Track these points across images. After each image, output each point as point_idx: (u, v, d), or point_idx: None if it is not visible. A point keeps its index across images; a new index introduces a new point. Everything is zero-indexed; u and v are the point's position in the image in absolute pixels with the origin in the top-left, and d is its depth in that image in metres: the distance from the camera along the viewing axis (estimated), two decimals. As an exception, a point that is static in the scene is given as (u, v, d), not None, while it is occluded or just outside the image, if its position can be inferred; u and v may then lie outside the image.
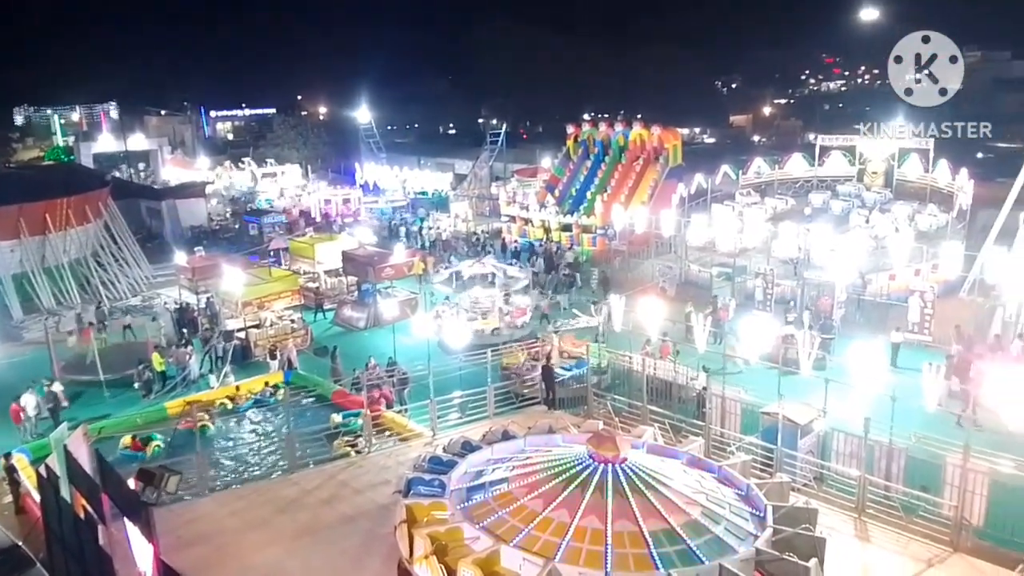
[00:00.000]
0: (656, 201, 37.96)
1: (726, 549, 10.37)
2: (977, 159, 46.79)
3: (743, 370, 20.97)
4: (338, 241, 35.47)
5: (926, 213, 33.80)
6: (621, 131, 42.45)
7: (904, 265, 28.33)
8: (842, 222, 33.89)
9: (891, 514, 13.48)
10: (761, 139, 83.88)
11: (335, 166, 70.99)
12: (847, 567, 11.92)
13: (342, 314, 30.80)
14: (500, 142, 56.58)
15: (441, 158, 69.63)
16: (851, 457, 14.81)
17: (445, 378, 18.84)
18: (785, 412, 15.48)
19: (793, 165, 41.39)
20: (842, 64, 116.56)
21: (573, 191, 42.24)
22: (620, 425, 17.12)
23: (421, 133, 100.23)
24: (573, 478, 11.49)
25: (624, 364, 21.04)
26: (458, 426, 17.55)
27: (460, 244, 41.19)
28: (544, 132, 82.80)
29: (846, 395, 16.42)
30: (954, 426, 16.28)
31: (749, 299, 28.71)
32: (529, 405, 19.53)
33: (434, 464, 12.79)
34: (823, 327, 24.30)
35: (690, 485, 11.78)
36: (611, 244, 37.05)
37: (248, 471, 18.29)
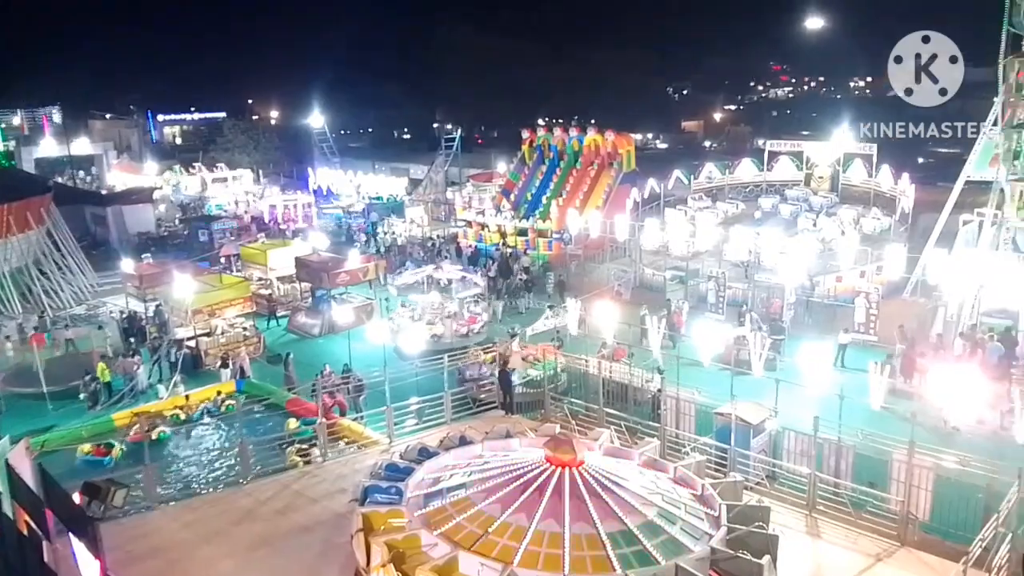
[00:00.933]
0: (610, 206, 38.33)
1: (682, 549, 10.50)
2: (918, 164, 48.47)
3: (697, 372, 21.28)
4: (291, 247, 34.98)
5: (870, 216, 34.78)
6: (576, 136, 42.76)
7: (850, 267, 29.10)
8: (791, 226, 34.67)
9: (840, 510, 13.83)
10: (712, 145, 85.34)
11: (288, 171, 70.03)
12: (799, 563, 12.18)
13: (296, 321, 30.37)
14: (455, 147, 56.54)
15: (396, 163, 69.22)
16: (802, 455, 15.16)
17: (401, 384, 18.74)
18: (738, 412, 15.78)
19: (743, 170, 42.23)
20: (789, 72, 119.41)
21: (529, 196, 42.40)
22: (577, 428, 17.24)
23: (375, 138, 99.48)
24: (531, 482, 11.52)
25: (581, 367, 21.18)
26: (415, 432, 17.47)
27: (416, 249, 40.99)
28: (499, 137, 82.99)
29: (796, 395, 16.82)
30: (899, 422, 16.78)
31: (702, 302, 29.16)
32: (487, 410, 19.53)
33: (391, 471, 12.70)
34: (773, 328, 24.81)
35: (646, 486, 11.91)
36: (567, 248, 37.28)
37: (200, 482, 17.91)
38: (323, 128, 66.81)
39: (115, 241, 45.76)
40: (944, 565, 11.68)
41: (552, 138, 43.85)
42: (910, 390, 20.77)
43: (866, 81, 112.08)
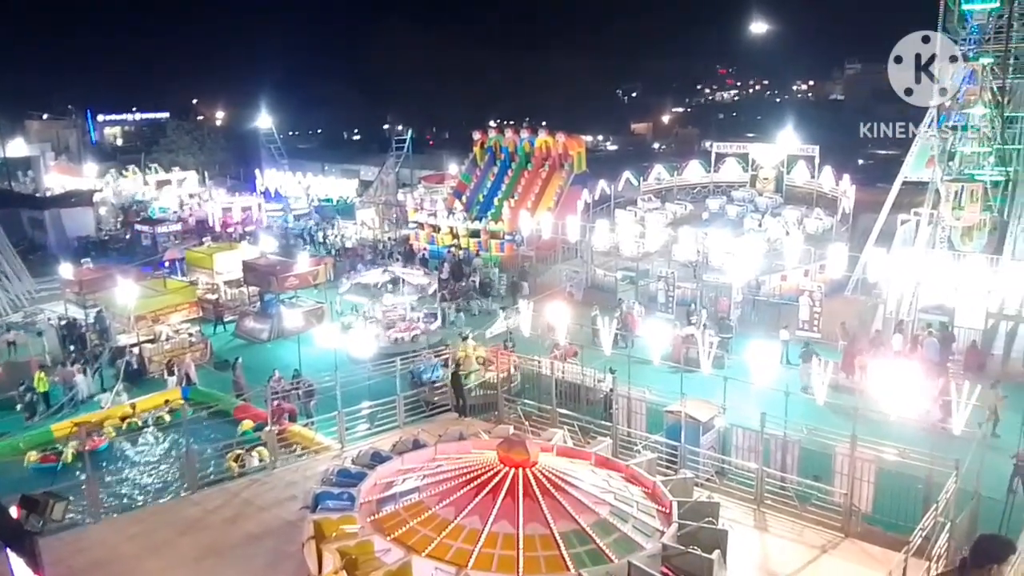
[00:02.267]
0: (562, 207, 38.55)
1: (634, 546, 10.62)
2: (859, 165, 49.96)
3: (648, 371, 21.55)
4: (238, 250, 34.32)
5: (813, 217, 35.66)
6: (527, 138, 42.90)
7: (794, 266, 29.80)
8: (737, 226, 35.34)
9: (787, 504, 14.15)
10: (661, 146, 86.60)
11: (234, 173, 68.69)
12: (748, 557, 12.42)
13: (244, 326, 29.80)
14: (406, 148, 56.13)
15: (346, 164, 68.42)
16: (749, 451, 15.48)
17: (353, 388, 18.52)
18: (687, 410, 16.05)
19: (691, 171, 42.88)
20: (734, 75, 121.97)
21: (481, 197, 42.39)
22: (530, 429, 17.28)
23: (325, 139, 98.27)
24: (484, 484, 11.52)
25: (533, 368, 21.25)
26: (367, 437, 17.29)
27: (367, 252, 40.62)
28: (451, 138, 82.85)
29: (744, 391, 17.18)
30: (842, 417, 17.25)
31: (652, 301, 29.54)
32: (440, 413, 19.44)
33: (342, 477, 12.56)
34: (721, 327, 25.28)
35: (599, 485, 12.01)
36: (519, 250, 37.37)
37: (145, 493, 17.45)
38: (271, 129, 65.68)
39: (53, 246, 44.29)
40: (886, 555, 12.03)
41: (503, 139, 43.90)
42: (852, 385, 21.39)
43: (808, 84, 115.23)
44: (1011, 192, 26.59)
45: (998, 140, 26.42)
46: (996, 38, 25.96)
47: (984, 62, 25.56)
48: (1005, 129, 26.41)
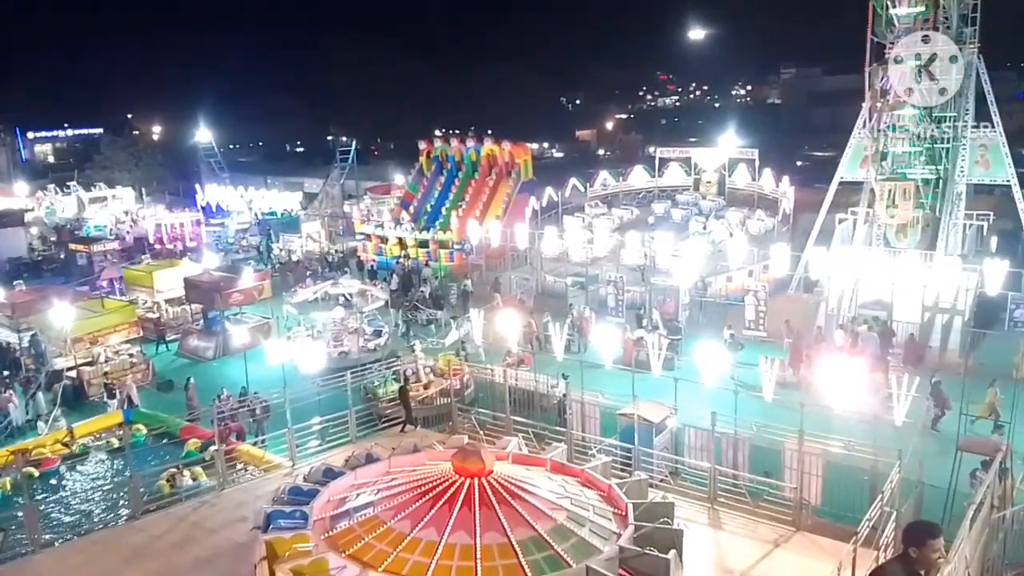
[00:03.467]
0: (510, 215, 38.65)
1: (592, 550, 10.63)
2: (797, 167, 51.37)
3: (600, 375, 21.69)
4: (179, 267, 33.45)
5: (755, 218, 36.49)
6: (473, 147, 42.93)
7: (739, 267, 30.41)
8: (682, 229, 35.93)
9: (740, 500, 14.37)
10: (606, 152, 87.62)
11: (173, 188, 66.96)
12: (703, 555, 12.57)
13: (188, 344, 29.04)
14: (351, 159, 55.64)
15: (289, 177, 67.44)
16: (702, 450, 15.70)
17: (303, 404, 18.19)
18: (640, 412, 16.17)
19: (636, 177, 43.50)
20: (675, 81, 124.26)
21: (428, 207, 42.21)
22: (485, 438, 17.21)
23: (267, 152, 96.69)
24: (440, 495, 11.39)
25: (487, 377, 21.19)
26: (319, 453, 16.98)
27: (314, 265, 40.03)
28: (396, 149, 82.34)
29: (695, 391, 17.42)
30: (790, 413, 17.62)
31: (602, 306, 29.78)
32: (393, 425, 19.22)
33: (294, 495, 12.28)
34: (670, 329, 25.61)
35: (555, 491, 11.99)
36: (468, 259, 37.30)
37: (88, 521, 16.80)
38: (210, 143, 64.38)
39: (-17, 268, 42.46)
40: (836, 546, 12.29)
41: (449, 149, 43.85)
42: (798, 381, 21.89)
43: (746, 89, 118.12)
44: (942, 189, 27.64)
45: (927, 140, 27.44)
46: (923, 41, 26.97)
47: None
48: (934, 129, 27.44)
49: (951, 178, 27.55)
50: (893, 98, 26.91)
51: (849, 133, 30.66)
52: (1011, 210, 28.88)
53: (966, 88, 27.35)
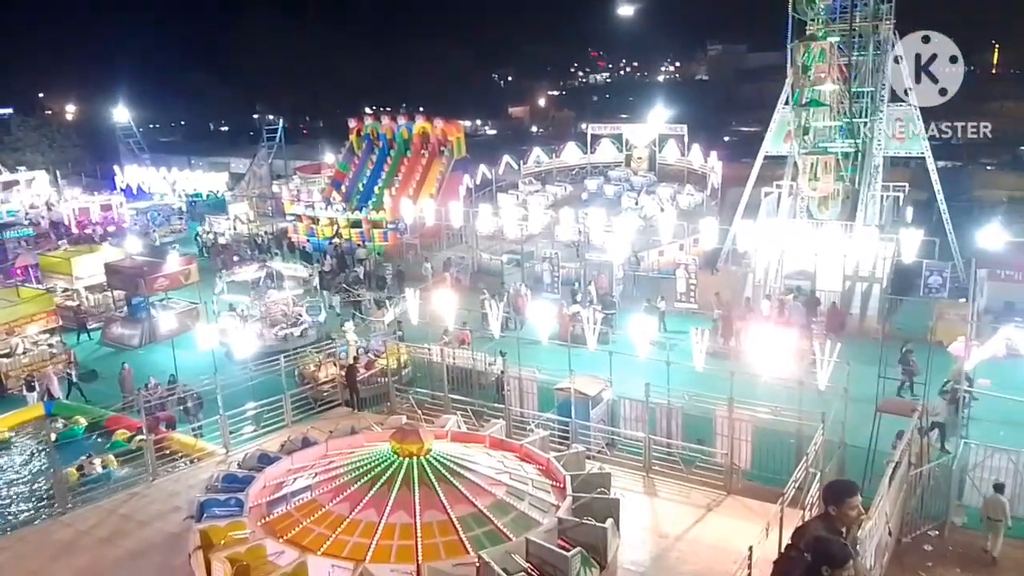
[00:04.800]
0: (444, 193, 38.39)
1: (531, 523, 10.78)
2: (724, 142, 52.45)
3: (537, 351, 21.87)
4: (100, 253, 32.11)
5: (685, 193, 37.21)
6: (404, 124, 42.35)
7: (670, 241, 31.00)
8: (615, 205, 36.38)
9: (674, 468, 14.78)
10: (539, 129, 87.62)
11: (90, 170, 64.09)
12: (639, 522, 12.89)
13: (111, 332, 28.01)
14: (278, 138, 54.19)
15: (214, 157, 65.35)
16: (637, 421, 16.05)
17: (236, 390, 17.84)
18: (576, 386, 16.42)
19: (568, 153, 43.73)
20: (606, 58, 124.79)
21: (360, 186, 41.54)
22: (423, 417, 17.21)
23: (189, 131, 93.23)
24: (379, 476, 11.36)
25: (424, 356, 21.13)
26: (254, 439, 16.68)
27: (242, 247, 39.02)
28: (325, 127, 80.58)
29: (629, 364, 17.75)
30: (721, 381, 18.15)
31: (538, 283, 29.98)
32: (330, 408, 19.03)
33: (229, 482, 12.05)
34: (604, 303, 25.97)
35: (494, 467, 12.10)
36: (403, 238, 36.97)
37: (9, 519, 16.13)
38: (129, 122, 61.70)
39: None
40: (765, 508, 12.77)
41: (380, 127, 43.15)
42: (728, 350, 22.53)
43: (675, 66, 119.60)
44: (860, 162, 28.65)
45: (847, 114, 28.36)
46: (842, 18, 27.80)
47: (831, 40, 27.30)
48: (852, 103, 28.36)
49: (869, 151, 28.56)
50: (815, 74, 27.64)
51: (774, 108, 31.44)
52: (925, 181, 30.21)
53: (882, 63, 28.35)
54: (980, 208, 35.79)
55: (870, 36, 27.92)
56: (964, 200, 35.15)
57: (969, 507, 13.92)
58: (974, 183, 41.40)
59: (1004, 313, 23.09)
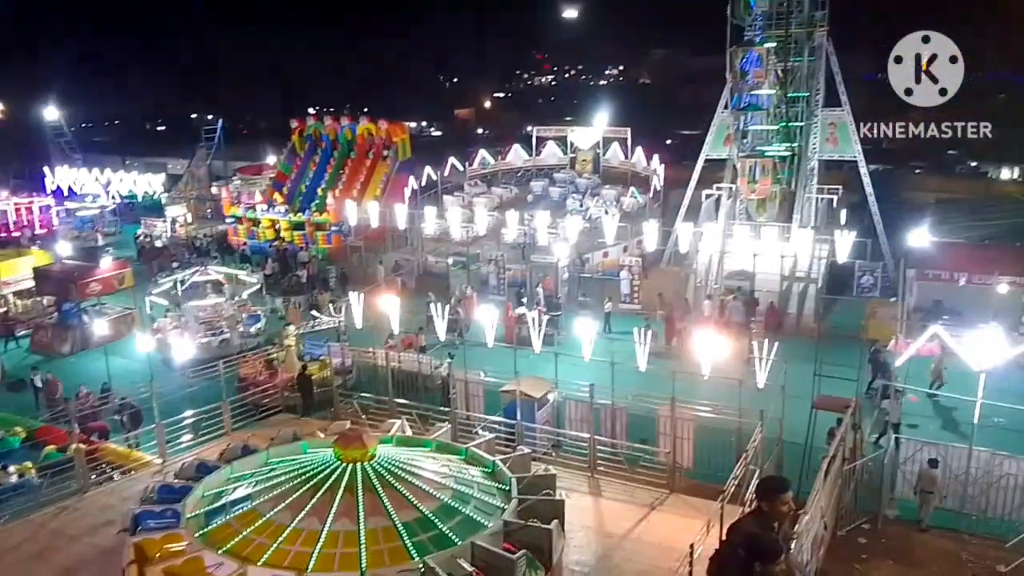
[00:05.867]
0: (389, 195, 38.05)
1: (477, 526, 10.75)
2: (667, 145, 53.28)
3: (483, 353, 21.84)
4: (28, 257, 30.87)
5: (629, 195, 37.65)
6: (348, 125, 41.83)
7: (614, 243, 31.33)
8: (560, 207, 36.59)
9: (618, 468, 14.95)
10: (484, 131, 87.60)
11: (18, 171, 61.46)
12: (584, 522, 13.01)
13: (40, 339, 26.89)
14: (217, 138, 52.94)
15: (150, 158, 63.49)
16: (582, 421, 16.18)
17: (173, 398, 17.36)
18: (522, 388, 16.45)
19: (514, 155, 43.82)
20: (550, 61, 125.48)
21: (303, 188, 40.86)
22: (368, 422, 17.02)
23: (124, 131, 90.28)
24: (321, 483, 11.18)
25: (369, 361, 20.89)
26: (192, 448, 16.26)
27: (180, 251, 37.98)
28: (267, 127, 78.88)
29: (575, 365, 17.88)
30: (664, 381, 18.41)
31: (484, 285, 29.95)
32: (272, 414, 18.67)
33: (165, 493, 11.70)
34: (549, 305, 26.09)
35: (439, 471, 12.03)
36: (347, 240, 36.51)
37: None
38: (59, 122, 59.41)
39: None
40: (707, 505, 13.01)
41: (324, 127, 42.53)
42: (671, 350, 22.88)
43: (619, 69, 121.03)
44: (797, 166, 29.46)
45: (783, 118, 29.14)
46: (778, 24, 28.56)
47: (768, 46, 28.03)
48: (789, 108, 29.16)
49: (804, 155, 29.40)
50: (753, 78, 28.31)
51: (714, 112, 32.09)
52: (858, 184, 31.22)
53: (817, 69, 29.23)
54: (909, 210, 37.18)
55: (805, 42, 28.79)
56: (894, 202, 36.43)
57: (901, 500, 14.44)
58: (904, 186, 43.02)
59: (933, 311, 23.99)
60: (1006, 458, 13.80)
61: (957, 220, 36.19)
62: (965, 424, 16.02)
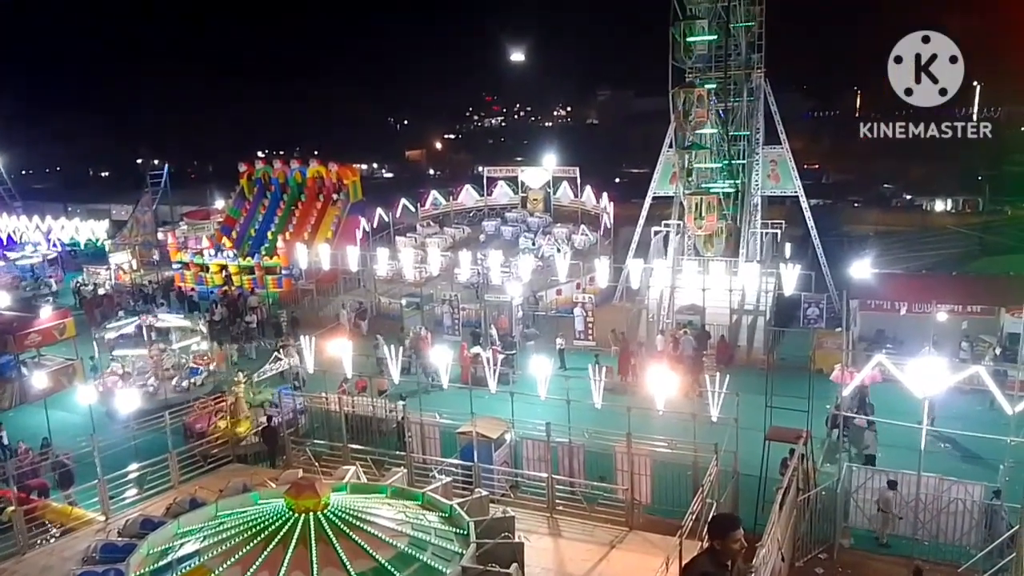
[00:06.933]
0: (340, 237, 37.84)
1: (435, 573, 10.55)
2: (616, 183, 54.28)
3: (439, 395, 21.65)
4: (-37, 308, 29.72)
5: (580, 233, 38.13)
6: (297, 168, 41.68)
7: (567, 281, 31.59)
8: (512, 246, 36.85)
9: (577, 506, 14.88)
10: (436, 172, 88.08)
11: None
12: (544, 564, 12.86)
13: (-24, 394, 25.78)
14: (163, 183, 52.08)
15: (94, 204, 62.15)
16: (540, 461, 16.09)
17: (117, 451, 16.76)
18: (479, 429, 16.32)
19: (465, 196, 44.14)
20: (500, 102, 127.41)
21: (252, 232, 40.36)
22: (321, 470, 16.64)
23: (66, 177, 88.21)
24: (273, 535, 10.85)
25: (321, 406, 20.51)
26: (137, 503, 15.68)
27: (125, 298, 37.01)
28: (215, 171, 77.97)
29: (531, 404, 17.84)
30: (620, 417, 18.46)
31: (439, 325, 29.81)
32: (221, 465, 18.13)
33: (108, 552, 11.25)
34: (504, 344, 26.08)
35: (395, 518, 11.79)
36: (297, 284, 36.06)
37: None
38: (-3, 169, 57.84)
39: None
40: (666, 541, 13.01)
41: (273, 171, 42.27)
42: (626, 385, 23.02)
43: (567, 110, 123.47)
44: (741, 201, 30.27)
45: (726, 156, 29.99)
46: (717, 66, 29.56)
47: (708, 87, 28.93)
48: (731, 146, 30.04)
49: (748, 191, 30.25)
50: (696, 118, 29.12)
51: (660, 151, 32.86)
52: (801, 219, 32.18)
53: (756, 109, 30.26)
54: (850, 242, 38.42)
55: (743, 83, 29.82)
56: (835, 235, 37.65)
57: (855, 529, 14.65)
58: (843, 219, 44.49)
59: (876, 340, 24.67)
60: (954, 483, 14.14)
61: (896, 251, 37.47)
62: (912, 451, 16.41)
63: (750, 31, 29.46)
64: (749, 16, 29.10)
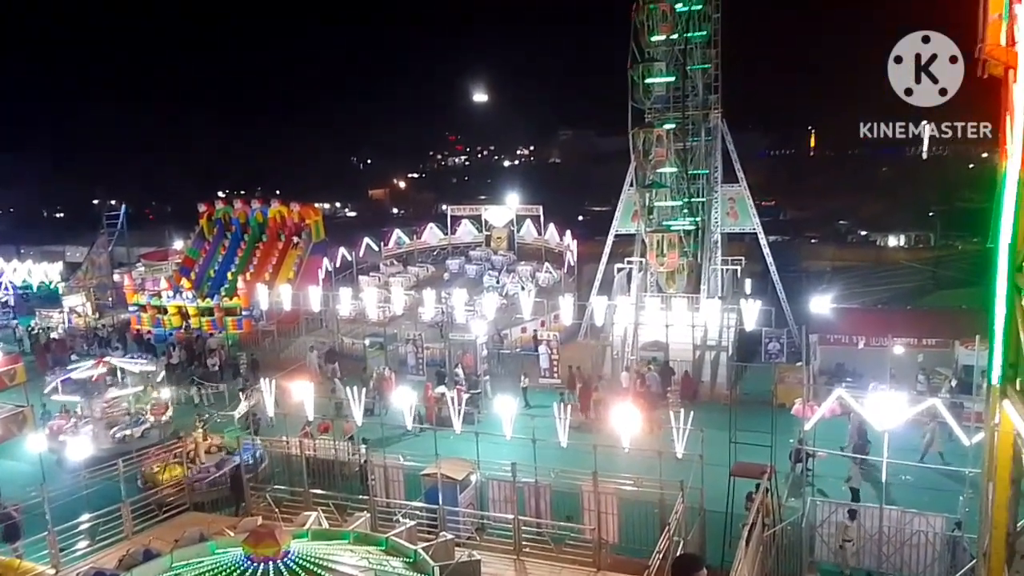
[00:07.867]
0: (302, 277, 37.49)
1: (399, 621, 10.26)
2: (579, 221, 54.90)
3: (403, 436, 21.33)
4: (-93, 354, 28.61)
5: (544, 271, 38.34)
6: (259, 208, 41.38)
7: (531, 319, 31.61)
8: (477, 284, 36.87)
9: (544, 548, 14.66)
10: (399, 211, 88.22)
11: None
12: (512, 608, 12.59)
13: (-82, 445, 24.70)
14: (120, 224, 51.24)
15: (47, 246, 60.88)
16: (506, 502, 15.86)
17: (68, 501, 16.12)
18: (443, 471, 16.08)
19: (429, 234, 44.22)
20: (463, 142, 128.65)
21: (212, 272, 39.79)
22: (282, 516, 16.19)
23: (18, 218, 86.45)
24: (231, 586, 10.48)
25: (281, 450, 20.05)
26: (89, 555, 15.05)
27: (79, 342, 36.05)
28: (174, 212, 76.98)
29: (496, 443, 17.66)
30: (585, 456, 18.36)
31: (403, 365, 29.52)
32: (177, 514, 17.54)
33: (55, 609, 10.73)
34: (469, 383, 25.89)
35: (358, 564, 11.48)
36: (258, 325, 35.52)
37: None
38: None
39: None
40: (634, 580, 12.88)
41: (233, 211, 41.90)
42: (590, 423, 22.95)
43: (530, 150, 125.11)
44: (701, 239, 30.76)
45: (686, 194, 30.53)
46: (675, 107, 30.25)
47: (667, 128, 29.55)
48: (690, 184, 30.61)
49: (708, 228, 30.77)
50: (655, 158, 29.67)
51: (622, 189, 33.35)
52: (760, 255, 32.79)
53: (713, 148, 30.96)
54: (808, 277, 39.21)
55: (701, 123, 30.54)
56: (793, 271, 38.39)
57: (821, 563, 14.66)
58: (801, 255, 45.48)
59: (836, 374, 25.02)
60: (916, 515, 14.28)
61: (852, 286, 38.35)
62: (874, 483, 16.58)
63: (707, 73, 30.27)
64: (705, 58, 29.94)
